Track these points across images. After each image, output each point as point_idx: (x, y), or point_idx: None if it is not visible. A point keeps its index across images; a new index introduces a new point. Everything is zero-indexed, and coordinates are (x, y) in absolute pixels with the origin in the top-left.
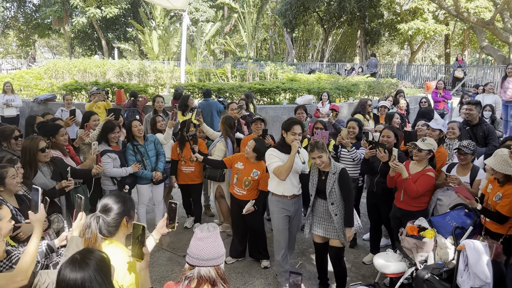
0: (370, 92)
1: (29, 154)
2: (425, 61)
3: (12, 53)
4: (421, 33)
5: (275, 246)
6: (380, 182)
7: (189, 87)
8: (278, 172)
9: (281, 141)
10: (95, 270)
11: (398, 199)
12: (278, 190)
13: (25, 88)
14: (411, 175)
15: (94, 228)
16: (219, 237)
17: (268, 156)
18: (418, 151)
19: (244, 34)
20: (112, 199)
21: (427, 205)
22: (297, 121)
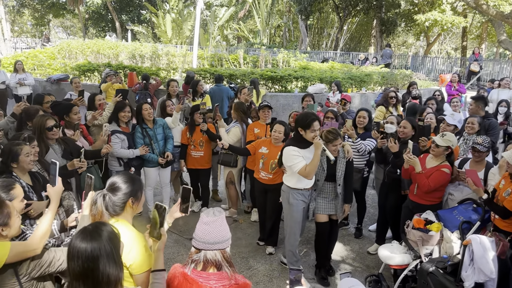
0: (383, 83)
1: (39, 131)
2: (441, 53)
3: (27, 32)
4: (438, 24)
5: (290, 238)
6: (390, 172)
7: (200, 72)
8: (306, 172)
9: (297, 137)
10: (106, 241)
11: (412, 191)
12: (299, 185)
13: (39, 67)
14: (426, 169)
15: (100, 205)
16: (225, 221)
17: (289, 156)
18: (436, 147)
19: (258, 20)
20: (121, 179)
21: (440, 200)
22: (315, 117)
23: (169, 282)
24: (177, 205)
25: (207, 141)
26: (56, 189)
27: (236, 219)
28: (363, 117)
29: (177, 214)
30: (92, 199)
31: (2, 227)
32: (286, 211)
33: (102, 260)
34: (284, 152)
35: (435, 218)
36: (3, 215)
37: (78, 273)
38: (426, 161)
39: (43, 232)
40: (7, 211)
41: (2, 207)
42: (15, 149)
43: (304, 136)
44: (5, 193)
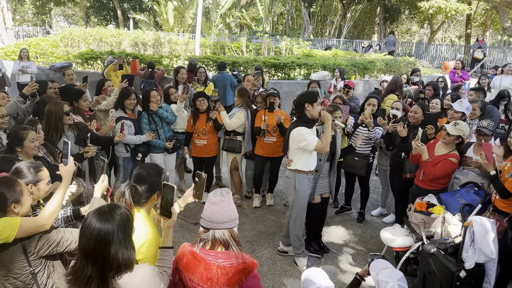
0: (387, 70)
1: (55, 118)
2: (444, 41)
3: (28, 21)
4: (442, 12)
5: (296, 223)
6: (394, 156)
7: (203, 59)
8: (324, 145)
9: (304, 117)
10: (119, 225)
11: (418, 177)
12: (306, 166)
13: (41, 55)
14: (434, 156)
15: (128, 197)
16: (232, 201)
17: (301, 136)
18: (447, 135)
19: (261, 7)
20: (147, 171)
21: (445, 186)
22: (318, 92)
23: (177, 260)
24: (191, 190)
25: (210, 130)
26: (67, 168)
27: (240, 204)
28: (373, 104)
29: (190, 199)
30: (120, 191)
31: (14, 204)
32: (292, 197)
33: (114, 245)
34: (294, 133)
35: (437, 201)
36: (16, 192)
37: (88, 252)
38: (435, 148)
39: (53, 209)
40: (20, 189)
41: (15, 184)
42: (20, 133)
43: (310, 113)
44: (32, 174)
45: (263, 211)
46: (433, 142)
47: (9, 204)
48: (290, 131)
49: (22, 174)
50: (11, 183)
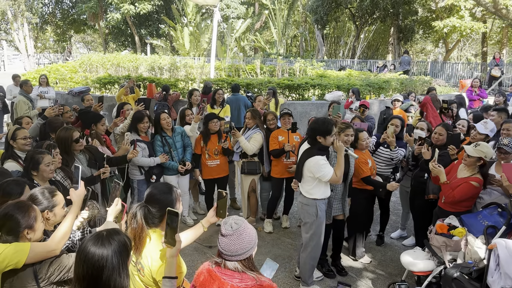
0: (402, 89)
1: (64, 144)
2: (460, 59)
3: (49, 48)
4: (457, 30)
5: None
6: (417, 176)
7: (218, 82)
8: (338, 178)
9: (317, 145)
10: (114, 251)
11: (440, 198)
12: (325, 194)
13: (61, 81)
14: (456, 179)
15: (140, 218)
16: (246, 231)
17: (319, 166)
18: (467, 157)
19: (275, 30)
20: (158, 190)
21: (468, 209)
22: (332, 122)
23: (196, 278)
24: (213, 210)
25: (222, 150)
26: (78, 193)
27: (256, 227)
28: (396, 125)
29: (213, 219)
30: (132, 212)
31: (27, 229)
32: (309, 225)
33: (107, 271)
34: (311, 163)
35: (459, 223)
36: (30, 217)
37: (81, 276)
38: (458, 170)
39: (62, 234)
40: (34, 215)
41: (29, 210)
42: (36, 157)
43: (323, 143)
44: (47, 200)
45: (279, 233)
46: (456, 164)
47: (22, 229)
48: (306, 159)
49: (37, 200)
50: (25, 208)
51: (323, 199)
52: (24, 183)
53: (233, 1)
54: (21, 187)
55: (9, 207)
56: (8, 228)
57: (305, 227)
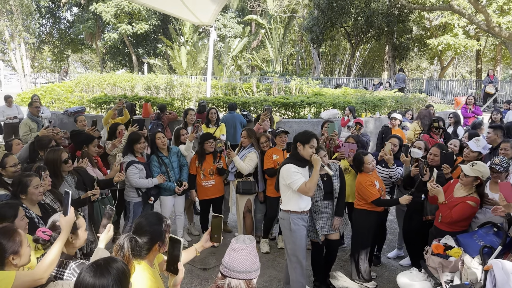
0: (397, 107)
1: (53, 165)
2: (455, 76)
3: (46, 67)
4: (451, 48)
5: (297, 268)
6: (415, 196)
7: (214, 100)
8: (307, 189)
9: (296, 155)
10: (115, 280)
11: (437, 218)
12: (299, 206)
13: (56, 101)
14: (452, 198)
15: (127, 250)
16: (255, 250)
17: (289, 173)
18: (464, 176)
19: (271, 49)
20: (148, 221)
21: (465, 228)
22: (314, 134)
23: None
24: (208, 234)
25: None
26: (67, 219)
27: None
28: (394, 144)
29: (208, 244)
30: (119, 243)
31: (13, 255)
32: (288, 239)
33: None
34: (283, 169)
35: (455, 243)
36: (15, 243)
37: None
38: (454, 189)
39: (49, 261)
40: (19, 239)
41: (14, 235)
42: (24, 181)
43: (301, 152)
44: None
45: (274, 254)
46: (452, 183)
47: (8, 255)
48: (282, 166)
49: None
50: (10, 233)
51: (298, 213)
52: (18, 205)
53: (229, 21)
54: (15, 209)
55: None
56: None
57: (285, 242)
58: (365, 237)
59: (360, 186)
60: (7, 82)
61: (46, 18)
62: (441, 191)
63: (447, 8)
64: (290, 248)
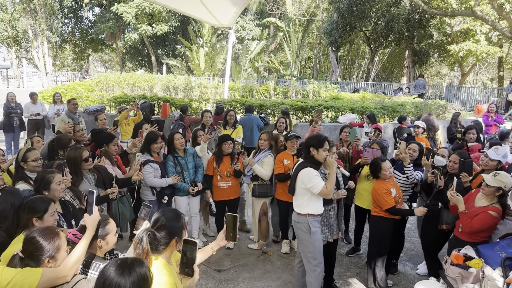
0: (416, 113)
1: (74, 163)
2: (476, 83)
3: (67, 66)
4: (472, 55)
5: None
6: (431, 205)
7: (231, 102)
8: (328, 191)
9: (311, 158)
10: (133, 283)
11: (457, 227)
12: (316, 209)
13: (77, 99)
14: (474, 208)
15: (146, 243)
16: None
17: (311, 177)
18: (486, 186)
19: (289, 52)
20: (166, 216)
21: (486, 239)
22: (326, 137)
23: None
24: (223, 233)
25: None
26: (92, 218)
27: (266, 251)
28: (413, 149)
29: (223, 242)
30: (137, 237)
31: (49, 258)
32: (306, 242)
33: None
34: (303, 174)
35: (475, 254)
36: (54, 246)
37: None
38: (476, 198)
39: (75, 259)
40: (58, 244)
41: (55, 238)
42: (47, 177)
43: (316, 157)
44: (101, 229)
45: (290, 258)
46: (474, 192)
47: (44, 258)
48: (298, 171)
49: None
50: (51, 236)
51: (315, 216)
52: (50, 200)
53: (248, 23)
54: (46, 204)
55: (36, 232)
56: (31, 253)
57: (301, 246)
58: (382, 245)
59: (375, 193)
60: (29, 79)
61: (69, 17)
62: (461, 200)
63: (470, 14)
64: (310, 251)
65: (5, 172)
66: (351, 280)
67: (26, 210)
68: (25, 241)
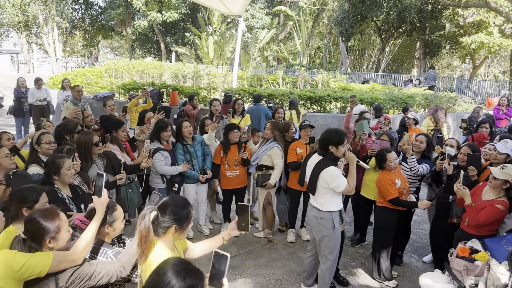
0: (427, 105)
1: (84, 148)
2: (487, 76)
3: (77, 52)
4: (485, 47)
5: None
6: (441, 198)
7: (240, 91)
8: (351, 188)
9: (330, 155)
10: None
11: (464, 220)
12: (338, 206)
13: (87, 85)
14: (480, 201)
15: (147, 221)
16: None
17: (335, 176)
18: (493, 179)
19: (299, 41)
20: (174, 201)
21: (493, 233)
22: (345, 133)
23: None
24: (235, 223)
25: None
26: (102, 201)
27: (271, 239)
28: (420, 141)
29: (235, 232)
30: (142, 213)
31: (50, 239)
32: (328, 238)
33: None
34: (326, 174)
35: (481, 247)
36: (55, 226)
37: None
38: (483, 192)
39: (85, 243)
40: (58, 224)
41: (53, 218)
42: (57, 162)
43: (335, 153)
44: (108, 216)
45: (295, 247)
46: (481, 185)
47: (45, 238)
48: (320, 170)
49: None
50: (51, 217)
51: (337, 211)
52: (42, 191)
53: (258, 12)
54: (38, 194)
55: (36, 213)
56: (32, 233)
57: (323, 241)
58: (387, 235)
59: (379, 183)
60: (39, 65)
61: (79, 3)
62: (467, 193)
63: (483, 5)
64: (331, 247)
65: (16, 155)
66: (356, 270)
67: (16, 200)
68: (26, 222)
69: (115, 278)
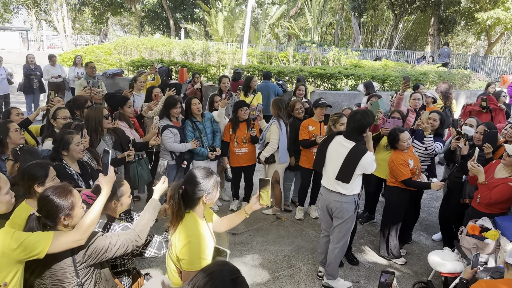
0: (440, 82)
1: (94, 122)
2: (503, 53)
3: (86, 29)
4: (501, 23)
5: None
6: (454, 177)
7: (249, 69)
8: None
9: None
10: None
11: (475, 198)
12: (359, 187)
13: (96, 62)
14: (493, 179)
15: (178, 197)
16: None
17: (373, 160)
18: (507, 156)
19: (310, 17)
20: (200, 173)
21: (505, 211)
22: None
23: None
24: (256, 197)
25: (250, 138)
26: (108, 178)
27: (280, 216)
28: (434, 119)
29: (257, 206)
30: (169, 194)
31: (65, 216)
32: (348, 220)
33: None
34: (367, 160)
35: (492, 225)
36: (68, 203)
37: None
38: (496, 169)
39: (90, 221)
40: (72, 201)
41: (67, 195)
42: (66, 138)
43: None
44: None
45: (303, 224)
46: (494, 163)
47: (60, 215)
48: (359, 157)
49: None
50: (64, 194)
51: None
52: (48, 165)
53: None
54: (45, 169)
55: (49, 190)
56: (46, 211)
57: (342, 224)
58: (397, 215)
59: (392, 164)
60: (49, 42)
61: None
62: (481, 171)
63: None
64: (348, 228)
65: (25, 131)
66: (364, 247)
67: (26, 177)
68: (40, 200)
69: (131, 248)
